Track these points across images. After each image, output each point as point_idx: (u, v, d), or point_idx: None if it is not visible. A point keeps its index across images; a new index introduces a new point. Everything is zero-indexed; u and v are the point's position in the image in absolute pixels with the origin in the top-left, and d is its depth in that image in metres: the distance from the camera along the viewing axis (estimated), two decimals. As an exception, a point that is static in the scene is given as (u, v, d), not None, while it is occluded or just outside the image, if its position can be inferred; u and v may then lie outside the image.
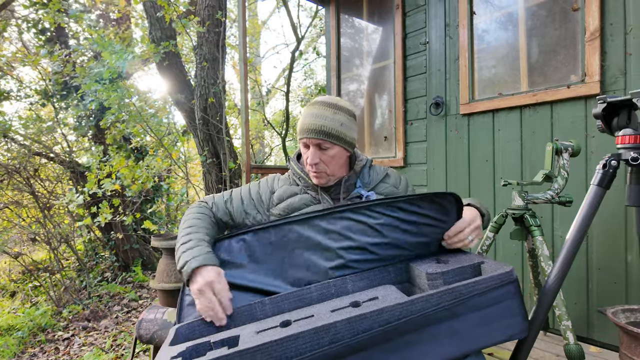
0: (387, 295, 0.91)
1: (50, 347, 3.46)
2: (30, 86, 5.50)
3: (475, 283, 0.86)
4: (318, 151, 1.21)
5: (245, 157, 3.02)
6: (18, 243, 6.05)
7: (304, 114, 1.25)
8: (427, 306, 0.83)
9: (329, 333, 0.77)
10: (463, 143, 2.45)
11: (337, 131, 1.20)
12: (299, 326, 0.80)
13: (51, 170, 5.85)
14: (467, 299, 0.85)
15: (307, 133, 1.20)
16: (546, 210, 2.05)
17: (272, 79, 14.15)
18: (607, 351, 1.81)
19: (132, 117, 4.47)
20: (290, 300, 1.04)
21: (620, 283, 1.81)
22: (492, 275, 0.88)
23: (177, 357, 0.78)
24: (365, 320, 0.79)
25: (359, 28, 3.32)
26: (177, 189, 6.65)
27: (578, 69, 1.97)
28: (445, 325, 0.84)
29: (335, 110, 1.22)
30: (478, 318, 0.86)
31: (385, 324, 0.80)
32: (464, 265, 0.98)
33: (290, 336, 0.75)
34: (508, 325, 0.88)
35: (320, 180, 1.24)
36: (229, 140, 4.64)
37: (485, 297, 0.87)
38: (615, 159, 1.22)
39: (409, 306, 0.82)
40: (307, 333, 0.76)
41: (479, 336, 0.86)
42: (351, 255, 1.11)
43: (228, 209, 1.29)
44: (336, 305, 0.89)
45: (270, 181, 1.35)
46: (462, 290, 0.85)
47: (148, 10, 4.79)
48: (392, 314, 0.81)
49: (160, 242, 3.32)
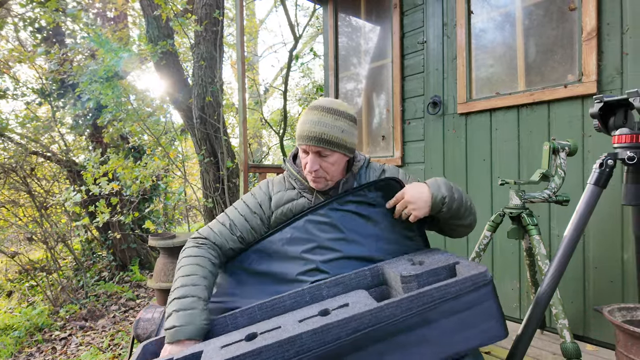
0: (357, 301, 0.88)
1: (47, 347, 3.45)
2: (27, 85, 5.48)
3: (447, 286, 0.83)
4: (318, 158, 1.19)
5: (243, 156, 3.01)
6: (15, 242, 6.02)
7: (303, 119, 1.21)
8: (397, 312, 0.79)
9: (294, 345, 0.75)
10: (460, 142, 2.45)
11: (338, 138, 1.18)
12: (264, 339, 0.78)
13: (48, 170, 5.82)
14: (439, 304, 0.81)
15: (307, 140, 1.17)
16: (543, 209, 2.06)
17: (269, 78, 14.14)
18: (603, 349, 1.82)
19: (129, 116, 4.46)
20: (263, 311, 1.02)
21: (617, 282, 1.82)
22: (465, 277, 0.84)
23: None
24: (332, 329, 0.76)
25: (357, 27, 3.32)
26: (174, 188, 6.64)
27: (575, 68, 1.97)
28: (415, 334, 0.80)
29: (336, 117, 1.19)
30: (452, 324, 0.82)
31: (352, 332, 0.77)
32: (438, 266, 0.95)
33: (254, 351, 0.73)
34: (485, 329, 0.84)
35: (319, 185, 1.23)
36: (227, 140, 4.64)
37: (459, 301, 0.83)
38: (611, 158, 1.23)
39: (377, 313, 0.79)
40: (272, 347, 0.74)
41: (453, 342, 0.82)
42: (315, 256, 1.14)
43: (235, 234, 1.23)
44: (304, 315, 0.87)
45: (264, 188, 1.33)
46: (433, 293, 0.82)
47: (145, 9, 4.77)
48: (361, 321, 0.78)
49: (158, 241, 3.32)
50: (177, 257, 4.13)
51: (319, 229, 1.18)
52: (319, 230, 1.18)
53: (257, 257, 1.23)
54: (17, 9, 5.27)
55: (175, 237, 3.44)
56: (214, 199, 4.52)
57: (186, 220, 6.89)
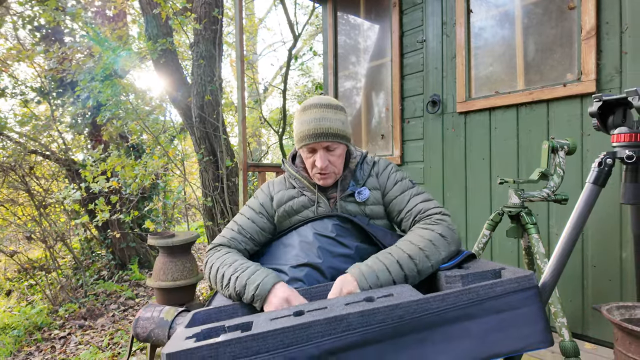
0: (402, 292, 0.90)
1: (47, 346, 3.45)
2: (26, 83, 5.46)
3: (493, 285, 0.84)
4: (326, 153, 1.21)
5: (242, 155, 3.01)
6: (14, 241, 6.01)
7: (302, 119, 1.22)
8: (443, 305, 0.81)
9: (341, 324, 0.77)
10: (460, 141, 2.45)
11: (342, 130, 1.22)
12: (312, 316, 0.80)
13: (47, 168, 5.82)
14: (484, 301, 0.83)
15: (315, 138, 1.19)
16: (542, 208, 2.06)
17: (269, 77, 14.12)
18: (602, 348, 1.83)
19: (128, 115, 4.45)
20: (305, 294, 1.05)
21: (615, 280, 1.82)
22: (510, 278, 0.85)
23: (191, 337, 0.79)
24: (378, 314, 0.79)
25: (356, 26, 3.31)
26: (173, 187, 6.63)
27: (574, 67, 1.97)
28: (460, 326, 0.82)
29: (335, 111, 1.23)
30: (494, 322, 0.83)
31: (398, 319, 0.79)
32: (484, 270, 0.97)
33: (304, 324, 0.75)
34: (526, 333, 0.84)
35: (328, 181, 1.25)
36: (226, 138, 4.63)
37: (502, 301, 0.84)
38: (610, 157, 1.23)
39: (423, 304, 0.81)
40: (319, 322, 0.76)
41: (494, 341, 0.82)
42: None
43: (246, 236, 1.28)
44: (350, 300, 0.89)
45: (265, 189, 1.36)
46: (478, 291, 0.83)
47: (144, 8, 4.76)
48: (407, 310, 0.80)
49: (157, 240, 3.32)
50: (176, 256, 4.12)
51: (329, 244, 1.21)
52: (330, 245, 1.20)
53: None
54: (16, 8, 5.26)
55: (175, 236, 3.43)
56: (213, 197, 4.52)
57: (185, 219, 6.90)
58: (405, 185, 1.27)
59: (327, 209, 1.27)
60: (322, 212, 1.27)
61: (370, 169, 1.32)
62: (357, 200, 1.26)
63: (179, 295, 3.26)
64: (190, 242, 3.39)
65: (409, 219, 1.22)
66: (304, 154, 1.26)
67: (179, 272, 3.26)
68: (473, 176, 2.38)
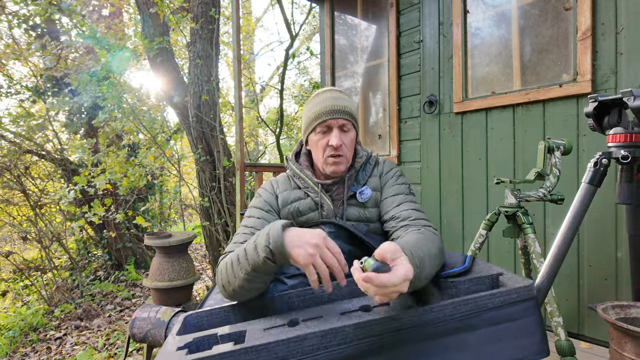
0: (399, 301, 0.89)
1: (42, 347, 3.43)
2: (21, 82, 5.43)
3: (492, 296, 0.83)
4: (341, 133, 1.20)
5: (240, 155, 3.01)
6: (9, 242, 5.98)
7: (318, 100, 1.23)
8: (441, 316, 0.80)
9: (337, 337, 0.76)
10: (456, 141, 2.46)
11: (355, 114, 1.25)
12: (307, 327, 0.79)
13: (42, 168, 5.78)
14: (482, 312, 0.82)
15: (331, 114, 1.18)
16: (538, 207, 2.07)
17: (266, 77, 14.11)
18: (597, 347, 1.84)
19: (125, 115, 4.43)
20: (300, 299, 1.03)
21: (611, 280, 1.83)
22: (510, 289, 0.84)
23: (183, 347, 0.78)
24: (375, 325, 0.78)
25: (353, 26, 3.32)
26: (170, 187, 6.61)
27: (570, 68, 1.98)
28: (458, 337, 0.81)
29: (348, 97, 1.27)
30: (491, 333, 0.82)
31: (395, 331, 0.78)
32: (482, 275, 0.96)
33: (299, 336, 0.74)
34: (526, 344, 0.83)
35: (340, 167, 1.21)
36: (223, 138, 4.61)
37: (501, 312, 0.83)
38: (606, 157, 1.24)
39: (421, 315, 0.80)
40: (316, 335, 0.75)
41: (492, 353, 0.82)
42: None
43: None
44: (346, 308, 0.88)
45: (269, 188, 1.30)
46: (477, 301, 0.82)
47: (141, 7, 4.74)
48: (404, 321, 0.79)
49: (154, 240, 3.31)
50: (173, 257, 4.10)
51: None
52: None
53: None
54: (12, 7, 5.22)
55: (171, 236, 3.43)
56: (210, 197, 4.50)
57: (182, 220, 6.87)
58: (403, 189, 1.25)
59: (330, 213, 1.23)
60: (325, 216, 1.23)
61: (373, 168, 1.30)
62: (358, 200, 1.23)
63: (176, 295, 3.25)
64: (187, 243, 3.38)
65: (397, 219, 1.17)
66: (315, 138, 1.22)
67: (176, 273, 3.25)
68: (469, 176, 2.39)
